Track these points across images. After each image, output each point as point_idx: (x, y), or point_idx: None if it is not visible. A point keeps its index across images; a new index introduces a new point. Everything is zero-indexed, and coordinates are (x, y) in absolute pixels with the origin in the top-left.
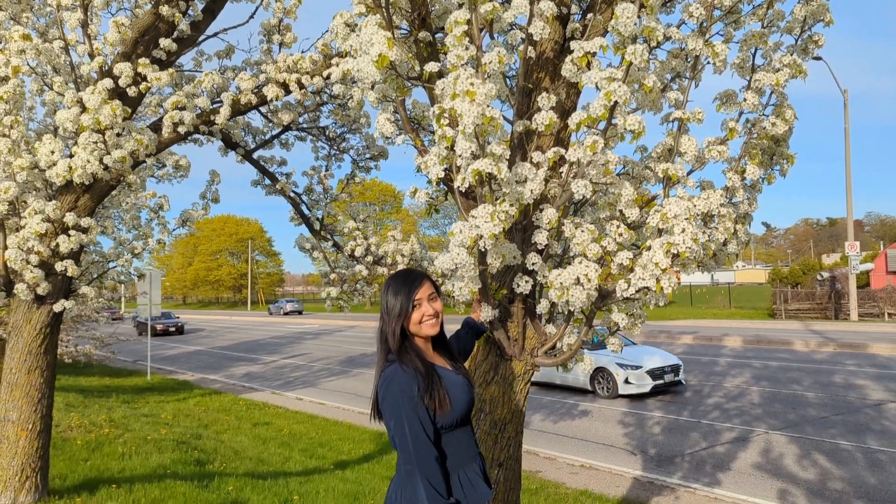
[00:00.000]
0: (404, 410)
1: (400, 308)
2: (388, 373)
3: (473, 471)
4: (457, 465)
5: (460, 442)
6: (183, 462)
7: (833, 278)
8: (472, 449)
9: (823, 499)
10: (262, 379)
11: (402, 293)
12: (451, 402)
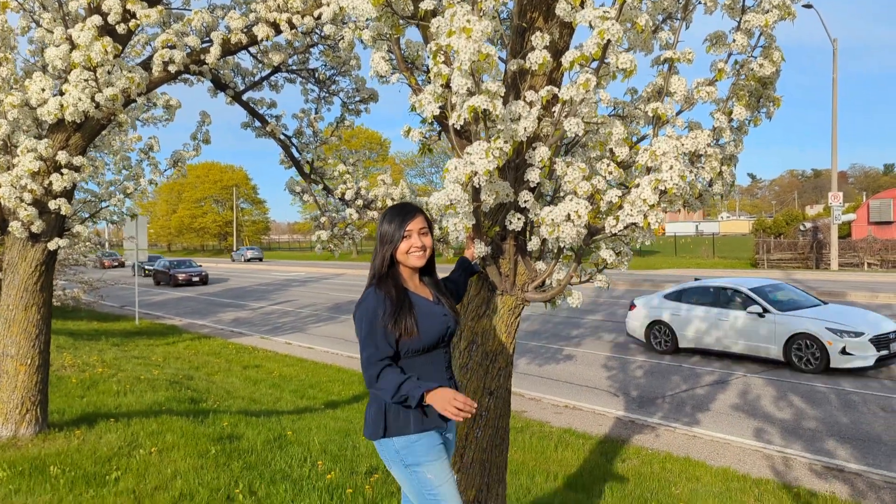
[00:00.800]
0: (363, 331)
1: (391, 236)
2: (364, 294)
3: None
4: None
5: (426, 368)
6: (177, 400)
7: (815, 228)
8: (441, 376)
9: (797, 437)
10: (251, 324)
11: (395, 222)
12: (418, 330)
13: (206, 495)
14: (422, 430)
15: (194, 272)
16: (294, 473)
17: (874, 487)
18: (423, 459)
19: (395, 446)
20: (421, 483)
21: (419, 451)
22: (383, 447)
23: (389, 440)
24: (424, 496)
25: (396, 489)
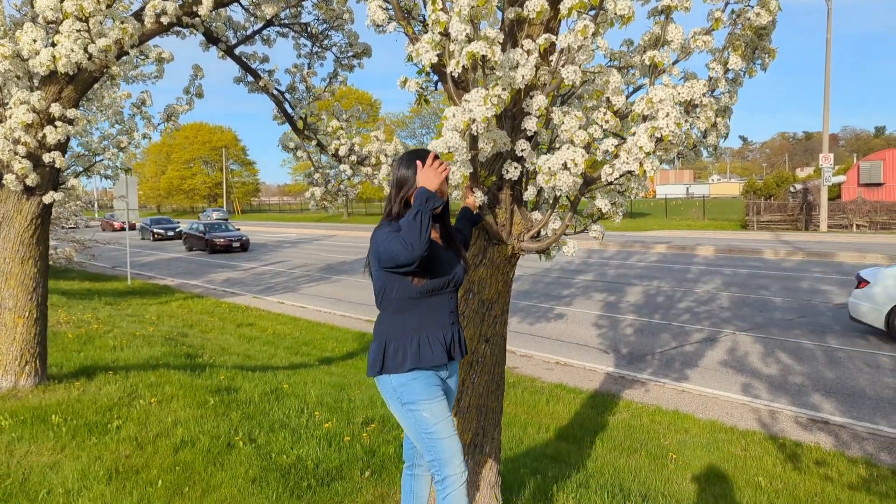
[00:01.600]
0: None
1: (408, 180)
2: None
3: (436, 337)
4: (422, 328)
5: (430, 309)
6: (173, 355)
7: (805, 190)
8: (444, 319)
9: (784, 391)
10: (243, 284)
11: (412, 167)
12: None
13: (206, 442)
14: (417, 369)
15: (234, 237)
16: (292, 423)
17: (858, 438)
18: (419, 398)
19: (392, 384)
20: (417, 421)
21: (416, 390)
22: (382, 385)
23: (387, 377)
24: (421, 434)
25: (393, 438)
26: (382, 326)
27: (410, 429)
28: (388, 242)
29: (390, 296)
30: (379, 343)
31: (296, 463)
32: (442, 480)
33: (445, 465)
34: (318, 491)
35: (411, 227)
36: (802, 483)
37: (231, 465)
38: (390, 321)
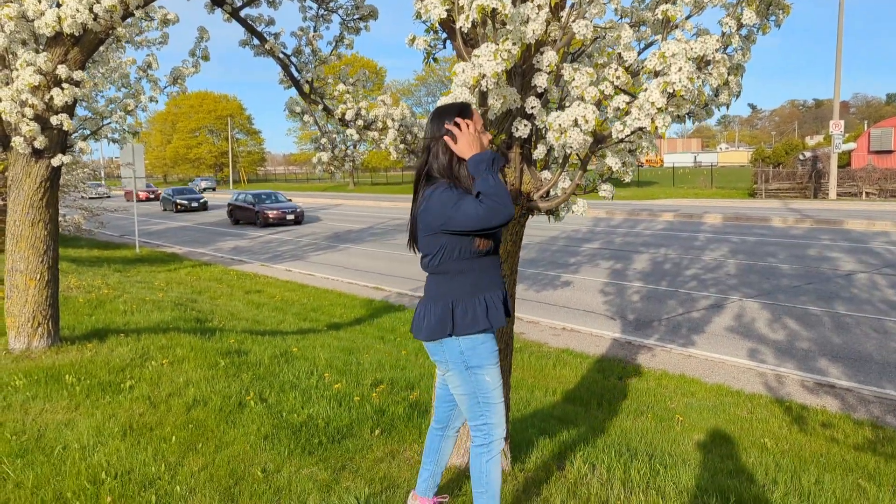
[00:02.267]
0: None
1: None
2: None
3: (497, 297)
4: (484, 289)
5: (489, 268)
6: (183, 319)
7: (815, 158)
8: (498, 279)
9: (790, 357)
10: (251, 253)
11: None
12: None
13: (218, 401)
14: (488, 330)
15: (287, 208)
16: (302, 384)
17: (864, 402)
18: (485, 362)
19: (460, 347)
20: (478, 385)
21: (483, 353)
22: (447, 348)
23: (455, 340)
24: (477, 398)
25: (402, 399)
26: (443, 288)
27: (468, 392)
28: (473, 206)
29: (450, 258)
30: (444, 305)
31: (307, 421)
32: (488, 444)
33: (494, 429)
34: (329, 448)
35: (500, 188)
36: (808, 444)
37: (243, 422)
38: (452, 283)
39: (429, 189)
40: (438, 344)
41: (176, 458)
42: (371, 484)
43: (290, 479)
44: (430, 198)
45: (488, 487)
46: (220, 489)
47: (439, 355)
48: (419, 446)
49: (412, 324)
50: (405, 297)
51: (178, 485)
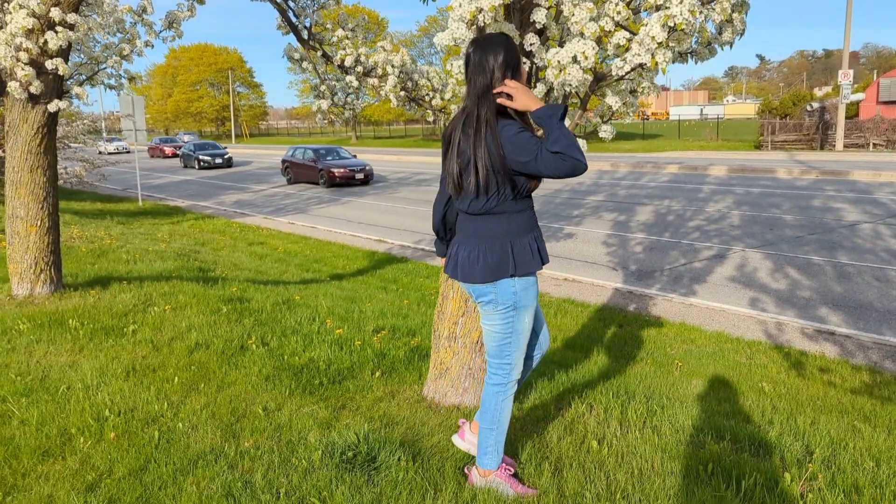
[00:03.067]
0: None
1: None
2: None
3: (541, 237)
4: (533, 228)
5: (531, 210)
6: (186, 269)
7: (822, 109)
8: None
9: (791, 305)
10: (253, 206)
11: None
12: None
13: (220, 344)
14: (539, 268)
15: (356, 166)
16: (304, 329)
17: (863, 348)
18: (530, 303)
19: (515, 287)
20: (517, 326)
21: (531, 294)
22: (500, 289)
23: (511, 281)
24: (510, 339)
25: (403, 344)
26: (501, 229)
27: (504, 332)
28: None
29: (508, 198)
30: (503, 245)
31: (308, 364)
32: (506, 384)
33: (515, 370)
34: (330, 388)
35: (576, 143)
36: (806, 388)
37: (244, 364)
38: (510, 223)
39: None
40: (492, 285)
41: (178, 398)
42: (371, 421)
43: (290, 417)
44: (501, 138)
45: (499, 425)
46: (222, 426)
47: (489, 296)
48: (419, 387)
49: (455, 269)
50: (408, 249)
51: (181, 422)
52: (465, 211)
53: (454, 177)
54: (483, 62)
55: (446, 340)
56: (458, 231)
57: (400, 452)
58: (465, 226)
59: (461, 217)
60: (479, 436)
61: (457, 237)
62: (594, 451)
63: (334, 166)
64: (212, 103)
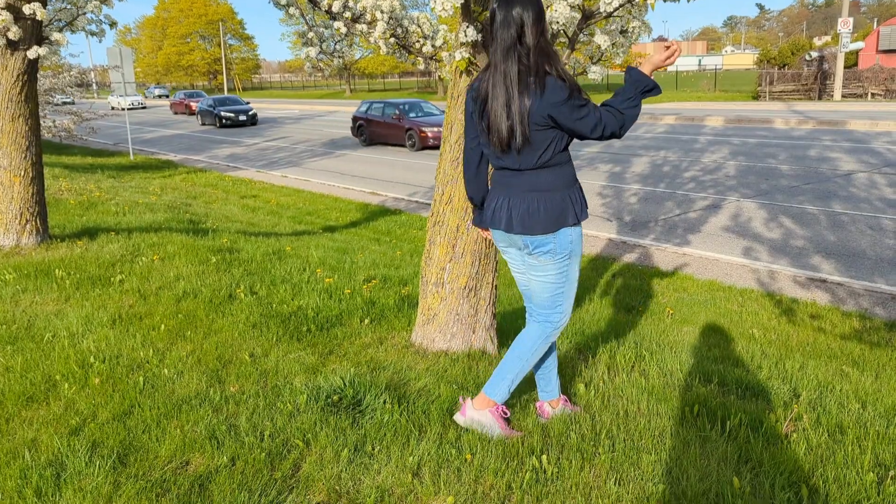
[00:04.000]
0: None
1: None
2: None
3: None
4: (577, 178)
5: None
6: (176, 220)
7: (821, 59)
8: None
9: (784, 254)
10: (246, 159)
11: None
12: None
13: (208, 293)
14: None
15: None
16: (294, 279)
17: (854, 295)
18: (581, 250)
19: (571, 236)
20: (569, 275)
21: (581, 242)
22: (559, 239)
23: (569, 229)
24: (563, 288)
25: (394, 293)
26: (557, 180)
27: (558, 282)
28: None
29: (559, 149)
30: (562, 196)
31: (296, 311)
32: (556, 330)
33: (565, 317)
34: (318, 335)
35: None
36: (796, 334)
37: (232, 312)
38: (563, 174)
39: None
40: (552, 235)
41: (164, 345)
42: (357, 366)
43: (277, 363)
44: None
45: (528, 361)
46: (208, 371)
47: (548, 246)
48: (408, 334)
49: (510, 223)
50: (402, 201)
51: (167, 368)
52: (514, 168)
53: (502, 135)
54: (508, 17)
55: (434, 286)
56: (505, 186)
57: (385, 396)
58: (516, 181)
59: (506, 174)
60: (502, 364)
61: (500, 192)
62: (581, 393)
63: (425, 125)
64: (203, 56)
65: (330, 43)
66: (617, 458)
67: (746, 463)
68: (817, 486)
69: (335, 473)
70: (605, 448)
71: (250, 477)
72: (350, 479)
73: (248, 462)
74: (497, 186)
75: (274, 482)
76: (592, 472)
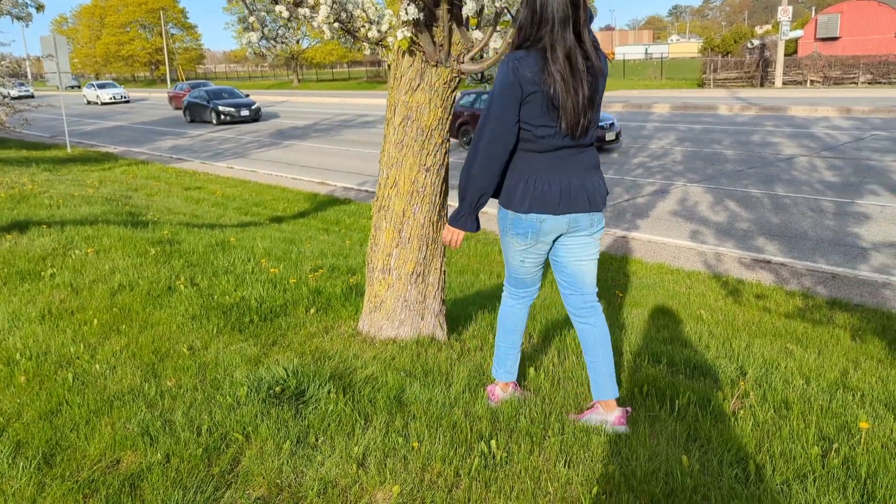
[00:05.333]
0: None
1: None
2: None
3: None
4: None
5: None
6: (115, 213)
7: (763, 46)
8: None
9: (730, 236)
10: (191, 151)
11: None
12: None
13: (146, 286)
14: None
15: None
16: (237, 269)
17: (797, 275)
18: None
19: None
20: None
21: None
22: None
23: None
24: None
25: (341, 281)
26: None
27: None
28: None
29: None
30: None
31: (239, 302)
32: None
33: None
34: (261, 325)
35: None
36: (742, 314)
37: (171, 305)
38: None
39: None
40: (600, 214)
41: (97, 339)
42: (301, 356)
43: (217, 355)
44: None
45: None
46: (143, 366)
47: (603, 221)
48: (355, 322)
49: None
50: (351, 191)
51: (98, 363)
52: (574, 146)
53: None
54: None
55: (380, 273)
56: (568, 166)
57: (330, 385)
58: (580, 158)
59: (566, 153)
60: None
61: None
62: (530, 377)
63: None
64: (144, 46)
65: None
66: (567, 441)
67: (695, 441)
68: (764, 461)
69: (276, 466)
70: (554, 431)
71: (185, 474)
72: (292, 472)
73: (184, 458)
74: (553, 167)
75: (211, 478)
76: (542, 456)
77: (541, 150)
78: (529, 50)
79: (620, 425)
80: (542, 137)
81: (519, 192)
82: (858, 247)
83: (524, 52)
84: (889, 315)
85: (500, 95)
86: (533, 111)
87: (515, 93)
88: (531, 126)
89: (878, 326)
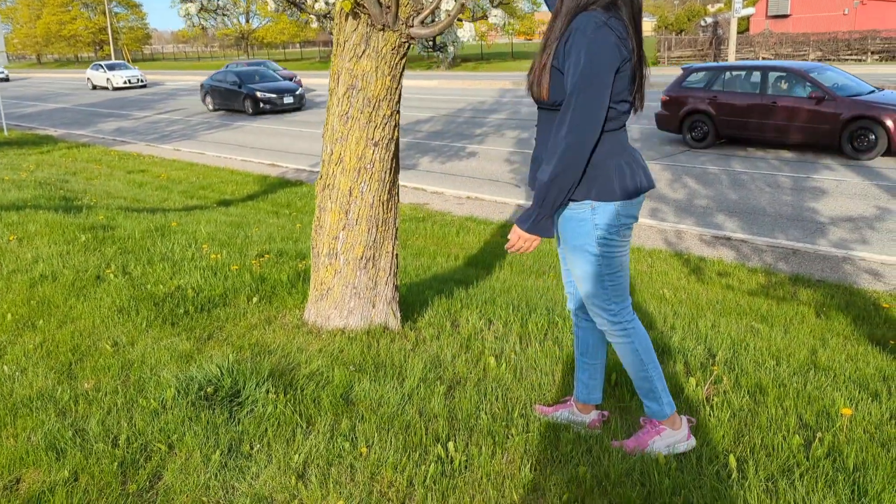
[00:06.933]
0: None
1: None
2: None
3: None
4: None
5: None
6: (46, 198)
7: (716, 24)
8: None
9: (689, 213)
10: (135, 133)
11: None
12: None
13: (70, 276)
14: None
15: None
16: (176, 256)
17: (757, 251)
18: None
19: None
20: None
21: None
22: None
23: None
24: None
25: (289, 267)
26: None
27: None
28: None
29: None
30: None
31: (173, 292)
32: None
33: None
34: (197, 317)
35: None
36: (705, 292)
37: (97, 296)
38: None
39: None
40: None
41: (8, 337)
42: (240, 351)
43: (144, 352)
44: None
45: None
46: (58, 366)
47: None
48: (301, 312)
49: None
50: (303, 172)
51: (7, 364)
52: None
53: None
54: None
55: (326, 258)
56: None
57: (269, 384)
58: (625, 137)
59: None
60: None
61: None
62: (491, 367)
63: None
64: (87, 25)
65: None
66: (532, 440)
67: None
68: (745, 455)
69: (202, 482)
70: (518, 429)
71: (95, 494)
72: (221, 488)
73: (94, 475)
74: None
75: (125, 497)
76: (505, 458)
77: (618, 127)
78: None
79: (595, 429)
80: (624, 114)
81: (626, 177)
82: (817, 222)
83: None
84: (851, 290)
85: (596, 63)
86: (623, 83)
87: (613, 59)
88: (616, 102)
89: (841, 302)
